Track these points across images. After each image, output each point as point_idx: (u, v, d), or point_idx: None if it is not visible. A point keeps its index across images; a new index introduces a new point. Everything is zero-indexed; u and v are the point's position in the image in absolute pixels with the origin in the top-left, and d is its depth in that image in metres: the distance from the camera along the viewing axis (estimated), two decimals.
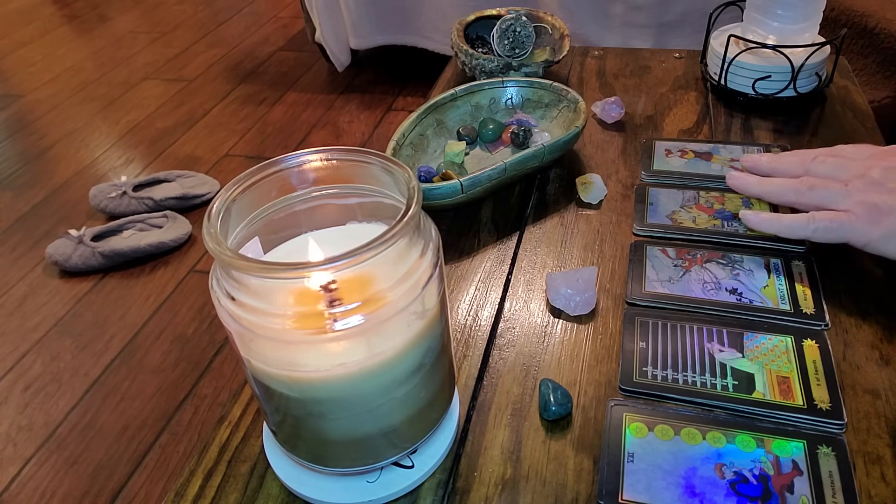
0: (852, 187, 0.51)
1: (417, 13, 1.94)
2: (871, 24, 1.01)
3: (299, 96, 2.16)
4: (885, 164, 0.51)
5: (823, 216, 0.51)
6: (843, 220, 0.50)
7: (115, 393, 1.23)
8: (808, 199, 0.53)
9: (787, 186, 0.54)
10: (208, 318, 1.37)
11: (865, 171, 0.51)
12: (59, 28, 2.84)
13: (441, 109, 0.71)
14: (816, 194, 0.52)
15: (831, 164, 0.54)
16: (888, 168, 0.51)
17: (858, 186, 0.51)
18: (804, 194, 0.53)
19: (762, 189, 0.56)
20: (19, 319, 1.41)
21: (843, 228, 0.50)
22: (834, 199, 0.51)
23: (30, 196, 1.80)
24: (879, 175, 0.50)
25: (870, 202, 0.50)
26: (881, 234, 0.49)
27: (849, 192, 0.51)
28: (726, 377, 0.45)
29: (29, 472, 1.11)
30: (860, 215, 0.49)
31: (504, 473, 0.41)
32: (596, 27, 1.71)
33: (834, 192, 0.51)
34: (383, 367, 0.34)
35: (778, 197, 0.55)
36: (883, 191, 0.50)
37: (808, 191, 0.53)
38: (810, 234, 0.51)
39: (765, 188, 0.56)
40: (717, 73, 0.76)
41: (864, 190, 0.50)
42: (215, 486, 0.42)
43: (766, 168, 0.58)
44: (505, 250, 0.59)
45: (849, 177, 0.52)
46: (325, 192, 0.39)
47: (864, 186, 0.50)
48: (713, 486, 0.39)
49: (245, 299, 0.32)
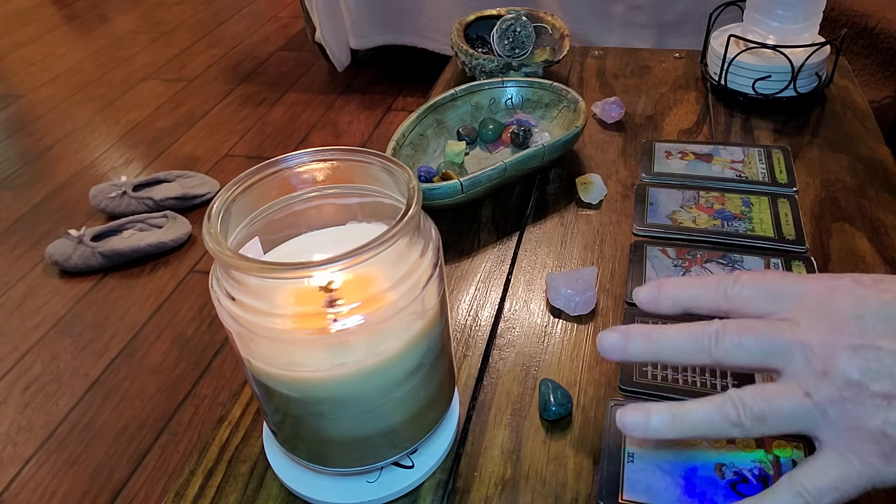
0: (821, 401, 0.31)
1: (417, 13, 1.94)
2: (871, 24, 1.01)
3: (299, 96, 2.16)
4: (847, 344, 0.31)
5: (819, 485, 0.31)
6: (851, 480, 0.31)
7: (115, 393, 1.23)
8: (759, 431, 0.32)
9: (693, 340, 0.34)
10: (208, 318, 1.37)
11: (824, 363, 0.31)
12: (59, 28, 2.84)
13: (441, 109, 0.71)
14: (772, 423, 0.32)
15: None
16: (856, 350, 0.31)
17: (830, 397, 0.31)
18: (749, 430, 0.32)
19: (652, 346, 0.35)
20: (19, 319, 1.41)
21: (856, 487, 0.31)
22: (804, 422, 0.32)
23: (30, 196, 1.80)
24: (852, 370, 0.30)
25: (868, 430, 0.30)
26: None
27: (821, 410, 0.31)
28: (726, 377, 0.45)
29: (29, 472, 1.11)
30: (865, 456, 0.31)
31: (504, 473, 0.41)
32: (596, 27, 1.71)
33: (797, 409, 0.31)
34: (383, 367, 0.34)
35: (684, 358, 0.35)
36: (873, 401, 0.30)
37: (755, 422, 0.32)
38: None
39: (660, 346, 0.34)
40: (717, 73, 0.76)
41: (843, 404, 0.31)
42: (215, 486, 0.42)
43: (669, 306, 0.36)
44: (505, 250, 0.59)
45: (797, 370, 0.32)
46: (325, 192, 0.39)
47: (839, 396, 0.31)
48: (713, 487, 0.39)
49: (245, 299, 0.32)
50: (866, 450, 0.31)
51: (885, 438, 0.30)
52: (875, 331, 0.31)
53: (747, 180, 0.63)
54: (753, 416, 0.32)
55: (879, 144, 0.68)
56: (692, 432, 0.33)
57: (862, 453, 0.31)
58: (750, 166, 0.65)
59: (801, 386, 0.31)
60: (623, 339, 0.35)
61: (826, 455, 0.32)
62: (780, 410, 0.32)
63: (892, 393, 0.30)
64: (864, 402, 0.30)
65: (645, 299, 0.36)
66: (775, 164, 0.65)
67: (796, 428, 0.32)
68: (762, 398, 0.32)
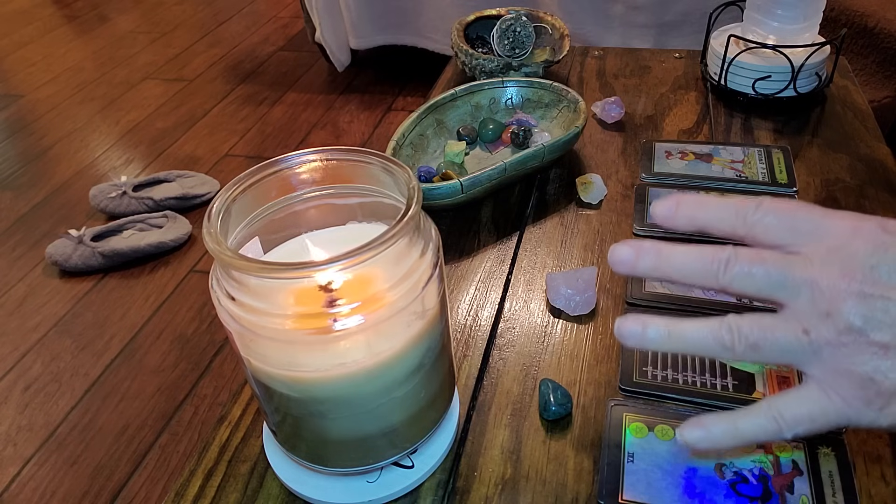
0: (818, 339, 0.31)
1: (417, 13, 1.94)
2: (871, 24, 1.01)
3: (299, 96, 2.16)
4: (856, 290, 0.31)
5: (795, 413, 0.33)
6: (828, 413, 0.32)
7: (115, 393, 1.23)
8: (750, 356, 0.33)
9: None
10: (208, 318, 1.37)
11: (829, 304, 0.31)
12: (59, 28, 2.84)
13: (441, 109, 0.71)
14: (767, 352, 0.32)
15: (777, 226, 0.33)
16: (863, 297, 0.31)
17: (827, 338, 0.31)
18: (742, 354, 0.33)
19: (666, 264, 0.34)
20: (19, 319, 1.41)
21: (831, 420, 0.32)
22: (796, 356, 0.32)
23: (30, 196, 1.80)
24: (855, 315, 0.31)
25: (858, 374, 0.31)
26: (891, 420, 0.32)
27: (815, 349, 0.32)
28: (726, 377, 0.45)
29: (29, 472, 1.11)
30: (849, 397, 0.32)
31: (504, 473, 0.41)
32: (596, 27, 1.71)
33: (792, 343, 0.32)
34: (383, 367, 0.34)
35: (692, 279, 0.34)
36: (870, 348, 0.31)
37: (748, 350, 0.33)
38: (790, 438, 0.33)
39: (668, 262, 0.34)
40: (717, 73, 0.76)
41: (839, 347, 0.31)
42: (215, 486, 0.42)
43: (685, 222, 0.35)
44: (505, 250, 0.59)
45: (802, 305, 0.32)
46: (325, 192, 0.39)
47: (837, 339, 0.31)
48: (713, 486, 0.39)
49: (245, 299, 0.32)
50: (850, 392, 0.31)
51: (871, 384, 0.31)
52: (888, 282, 0.31)
53: (747, 180, 0.63)
54: (747, 343, 0.33)
55: (879, 144, 0.68)
56: (685, 349, 0.34)
57: (845, 395, 0.32)
58: (750, 166, 0.65)
59: (802, 323, 0.32)
60: (634, 253, 0.34)
61: (809, 389, 0.33)
62: (776, 342, 0.32)
63: (891, 344, 0.30)
64: (861, 349, 0.31)
65: (661, 214, 0.36)
66: (775, 164, 0.65)
67: (786, 360, 0.33)
68: (759, 328, 0.32)
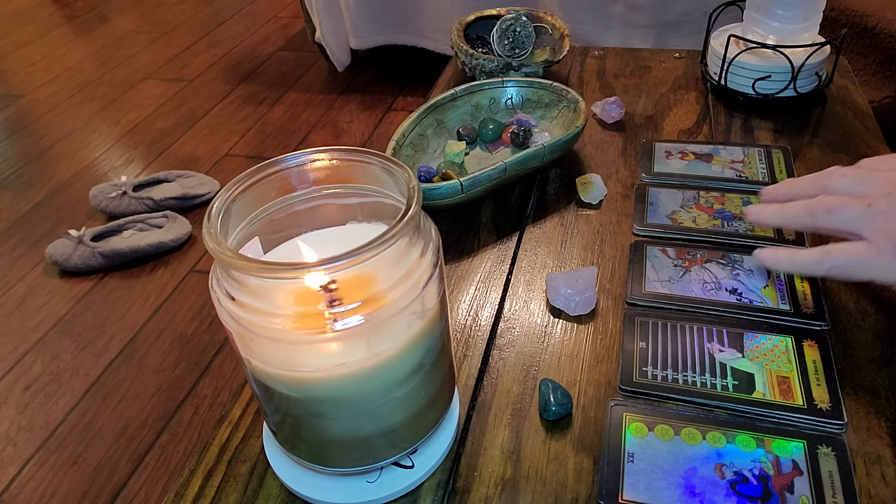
0: (875, 209, 0.43)
1: (417, 13, 1.94)
2: (871, 24, 1.01)
3: (299, 96, 2.16)
4: None
5: (840, 251, 0.43)
6: (861, 256, 0.42)
7: (115, 393, 1.23)
8: (825, 222, 0.45)
9: (801, 209, 0.47)
10: (208, 318, 1.37)
11: (892, 187, 0.43)
12: (59, 28, 2.84)
13: (441, 109, 0.71)
14: (834, 217, 0.44)
15: (852, 178, 0.46)
16: None
17: (882, 209, 0.42)
18: (820, 217, 0.45)
19: (777, 218, 0.49)
20: (19, 319, 1.41)
21: (862, 265, 0.42)
22: (854, 223, 0.43)
23: (30, 196, 1.80)
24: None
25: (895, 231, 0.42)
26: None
27: (871, 215, 0.43)
28: (726, 377, 0.45)
29: (29, 472, 1.11)
30: (883, 248, 0.41)
31: (504, 473, 0.41)
32: (596, 27, 1.71)
33: (853, 213, 0.44)
34: (383, 367, 0.34)
35: (794, 223, 0.48)
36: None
37: (824, 213, 0.45)
38: (826, 273, 0.44)
39: (779, 216, 0.49)
40: (717, 73, 0.76)
41: (889, 213, 0.42)
42: (215, 486, 0.42)
43: (784, 194, 0.51)
44: (505, 250, 0.59)
45: (872, 192, 0.44)
46: (325, 192, 0.39)
47: (890, 209, 0.42)
48: (713, 486, 0.39)
49: (245, 299, 0.32)
50: (884, 244, 0.42)
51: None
52: None
53: (747, 180, 0.63)
54: (825, 209, 0.45)
55: (879, 144, 0.68)
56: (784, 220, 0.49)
57: (882, 246, 0.42)
58: (750, 166, 0.65)
59: (868, 199, 0.44)
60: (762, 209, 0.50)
61: (856, 243, 0.43)
62: (846, 208, 0.44)
63: None
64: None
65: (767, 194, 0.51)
66: (775, 164, 0.65)
67: (847, 225, 0.44)
68: (838, 200, 0.45)
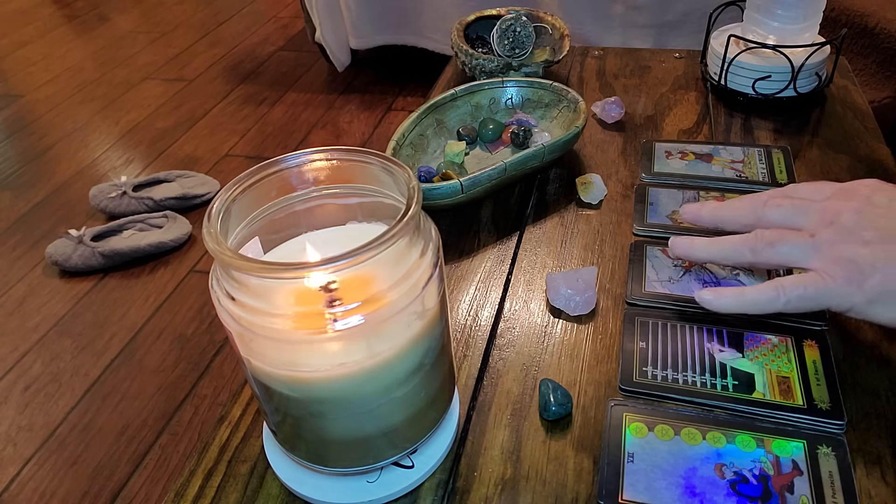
0: (820, 239, 0.42)
1: (417, 13, 1.94)
2: (871, 24, 1.01)
3: (299, 96, 2.16)
4: (854, 206, 0.43)
5: (794, 283, 0.42)
6: (818, 286, 0.42)
7: (115, 393, 1.23)
8: (767, 257, 0.44)
9: (739, 245, 0.46)
10: (208, 318, 1.37)
11: (832, 216, 0.43)
12: (59, 28, 2.84)
13: (441, 109, 0.71)
14: (778, 251, 0.44)
15: (787, 208, 0.45)
16: (859, 211, 0.42)
17: (828, 238, 0.42)
18: (762, 252, 0.44)
19: (711, 252, 0.47)
20: (19, 319, 1.41)
21: (819, 294, 0.42)
22: (801, 256, 0.43)
23: (30, 196, 1.80)
24: (850, 221, 0.42)
25: (846, 258, 0.41)
26: (866, 297, 0.41)
27: (817, 246, 0.42)
28: (726, 377, 0.45)
29: (29, 472, 1.11)
30: (836, 276, 0.41)
31: (504, 473, 0.41)
32: (596, 27, 1.71)
33: (799, 246, 0.43)
34: (383, 367, 0.34)
35: (731, 258, 0.47)
36: (857, 242, 0.41)
37: (766, 248, 0.44)
38: (782, 308, 0.43)
39: (713, 250, 0.47)
40: (717, 73, 0.76)
41: (836, 242, 0.42)
42: (215, 486, 0.42)
43: (710, 220, 0.50)
44: (505, 250, 0.59)
45: (812, 225, 0.44)
46: (325, 192, 0.39)
47: (835, 237, 0.42)
48: (713, 487, 0.39)
49: (245, 299, 0.32)
50: (836, 272, 0.41)
51: (854, 265, 0.41)
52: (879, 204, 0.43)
53: (747, 180, 0.63)
54: (767, 242, 0.44)
55: (879, 144, 0.68)
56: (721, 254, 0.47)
57: (835, 275, 0.41)
58: (750, 166, 0.65)
59: (810, 231, 0.43)
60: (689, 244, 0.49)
61: (808, 274, 0.43)
62: (787, 242, 0.43)
63: (872, 240, 0.41)
64: (850, 242, 0.42)
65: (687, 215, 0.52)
66: (775, 164, 0.65)
67: (793, 258, 0.43)
68: (778, 234, 0.44)
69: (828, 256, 0.42)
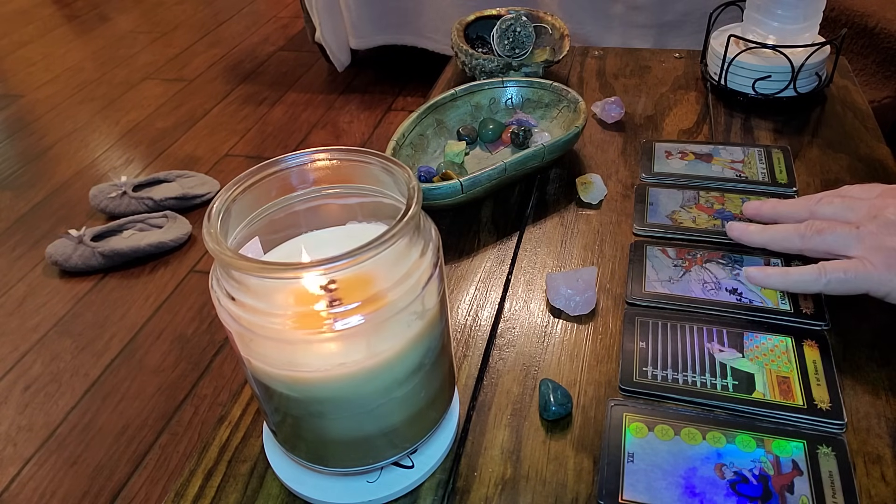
0: (864, 230, 0.46)
1: (417, 13, 1.94)
2: (871, 24, 1.01)
3: (299, 96, 2.16)
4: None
5: (835, 266, 0.46)
6: (858, 270, 0.45)
7: (115, 393, 1.23)
8: (814, 244, 0.48)
9: (790, 232, 0.50)
10: (208, 318, 1.37)
11: (878, 211, 0.47)
12: (59, 28, 2.84)
13: (441, 109, 0.71)
14: (824, 239, 0.48)
15: (838, 204, 0.50)
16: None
17: (871, 230, 0.46)
18: (810, 239, 0.49)
19: (764, 237, 0.52)
20: (19, 319, 1.41)
21: (859, 279, 0.45)
22: (845, 244, 0.47)
23: (30, 196, 1.80)
24: (894, 215, 0.46)
25: (886, 247, 0.45)
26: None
27: (861, 236, 0.46)
28: (726, 377, 0.45)
29: (29, 472, 1.11)
30: (877, 263, 0.45)
31: (504, 473, 0.41)
32: (596, 27, 1.71)
33: (844, 235, 0.47)
34: (383, 367, 0.34)
35: (782, 244, 0.51)
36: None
37: (814, 235, 0.48)
38: (822, 288, 0.47)
39: (766, 235, 0.52)
40: (717, 73, 0.76)
41: (878, 233, 0.46)
42: (215, 486, 0.42)
43: (769, 214, 0.55)
44: (505, 250, 0.59)
45: (859, 218, 0.48)
46: (325, 192, 0.39)
47: (878, 229, 0.46)
48: (713, 486, 0.39)
49: (245, 299, 0.32)
50: (877, 259, 0.45)
51: (893, 254, 0.45)
52: None
53: (747, 180, 0.63)
54: (815, 230, 0.48)
55: (879, 144, 0.68)
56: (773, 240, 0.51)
57: (876, 262, 0.45)
58: (750, 166, 0.65)
59: (856, 223, 0.47)
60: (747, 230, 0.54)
61: (850, 260, 0.46)
62: (834, 231, 0.48)
63: None
64: (892, 233, 0.45)
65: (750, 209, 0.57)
66: (775, 164, 0.65)
67: (837, 245, 0.47)
68: (828, 224, 0.48)
69: (870, 245, 0.46)
